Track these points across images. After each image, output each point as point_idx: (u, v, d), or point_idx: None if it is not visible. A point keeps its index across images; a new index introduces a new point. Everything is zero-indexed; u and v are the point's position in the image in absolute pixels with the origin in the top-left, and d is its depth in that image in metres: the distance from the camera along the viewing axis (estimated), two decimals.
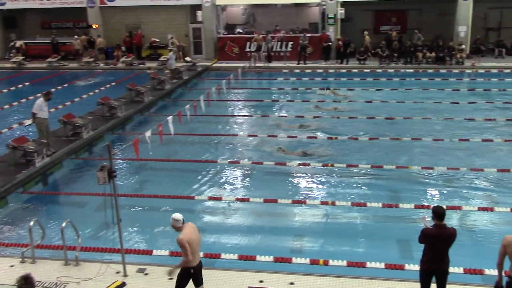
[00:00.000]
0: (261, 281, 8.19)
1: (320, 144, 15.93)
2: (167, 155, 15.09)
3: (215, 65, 30.44)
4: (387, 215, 11.19)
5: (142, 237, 10.45)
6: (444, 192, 12.34)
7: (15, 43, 32.87)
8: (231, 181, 13.32)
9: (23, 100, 22.36)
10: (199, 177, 13.50)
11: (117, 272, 8.50)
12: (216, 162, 14.45)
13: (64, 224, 8.80)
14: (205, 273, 8.36)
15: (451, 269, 7.08)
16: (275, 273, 8.48)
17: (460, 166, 13.63)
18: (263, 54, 29.46)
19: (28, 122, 16.23)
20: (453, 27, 29.12)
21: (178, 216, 7.20)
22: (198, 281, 7.33)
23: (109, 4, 32.03)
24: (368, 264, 8.93)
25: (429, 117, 18.51)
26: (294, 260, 9.17)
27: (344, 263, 8.99)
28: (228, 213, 11.60)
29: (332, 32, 29.90)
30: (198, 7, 31.41)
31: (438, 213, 6.86)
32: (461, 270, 8.52)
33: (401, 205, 11.39)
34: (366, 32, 29.42)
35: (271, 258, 9.24)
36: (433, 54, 27.98)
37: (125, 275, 8.42)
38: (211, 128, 18.05)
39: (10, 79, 28.51)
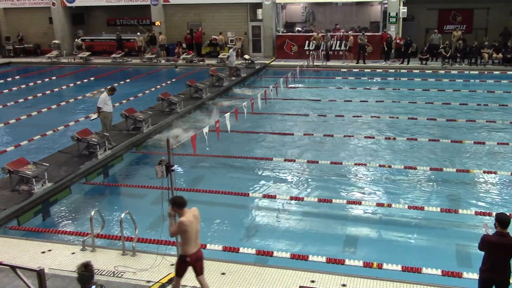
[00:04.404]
0: (312, 281, 8.12)
1: (387, 146, 15.67)
2: (223, 152, 15.26)
3: (273, 63, 30.50)
4: (446, 220, 10.85)
5: None
6: (507, 198, 11.84)
7: (77, 39, 33.98)
8: (285, 180, 13.29)
9: (88, 94, 23.25)
10: (254, 174, 13.60)
11: (172, 265, 8.66)
12: (272, 160, 14.48)
13: (123, 216, 9.09)
14: (256, 270, 8.46)
15: None
16: (327, 273, 8.40)
17: None
18: (322, 52, 29.24)
19: (94, 116, 16.82)
20: None
21: None
22: None
23: (172, 1, 32.73)
24: (424, 270, 8.66)
25: (494, 120, 17.89)
26: (347, 261, 9.04)
27: (399, 267, 8.78)
28: (281, 211, 11.58)
29: (393, 31, 29.27)
30: (258, 5, 31.59)
31: (503, 220, 6.58)
32: None
33: (460, 211, 10.99)
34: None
35: (323, 259, 9.16)
36: (500, 55, 26.83)
37: None
38: (267, 126, 18.10)
39: (76, 74, 29.71)
